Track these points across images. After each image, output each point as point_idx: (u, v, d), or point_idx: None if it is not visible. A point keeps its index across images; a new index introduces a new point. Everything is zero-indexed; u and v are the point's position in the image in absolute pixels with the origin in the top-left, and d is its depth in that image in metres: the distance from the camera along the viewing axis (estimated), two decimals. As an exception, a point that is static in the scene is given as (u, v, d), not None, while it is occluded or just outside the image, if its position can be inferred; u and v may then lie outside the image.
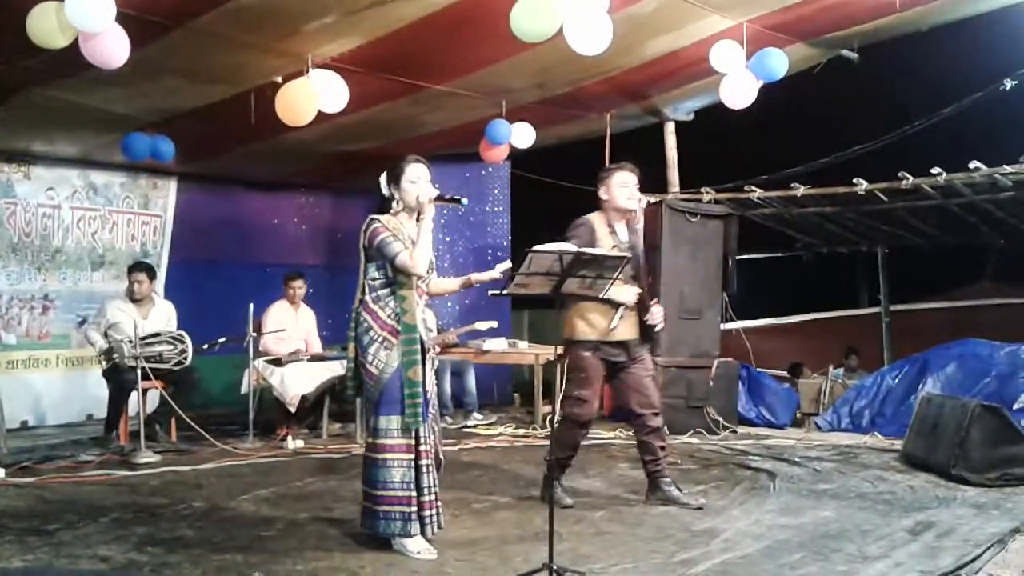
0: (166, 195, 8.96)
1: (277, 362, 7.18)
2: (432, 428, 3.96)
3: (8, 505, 4.79)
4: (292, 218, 10.18)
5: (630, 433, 7.23)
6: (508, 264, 4.17)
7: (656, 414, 4.81)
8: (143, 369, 6.19)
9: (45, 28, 4.67)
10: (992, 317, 9.63)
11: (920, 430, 5.87)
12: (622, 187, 4.77)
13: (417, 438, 3.86)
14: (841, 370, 9.44)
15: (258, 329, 7.20)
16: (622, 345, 4.74)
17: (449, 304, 8.93)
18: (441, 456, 4.08)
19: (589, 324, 4.69)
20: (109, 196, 8.54)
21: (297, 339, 7.55)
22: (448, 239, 9.24)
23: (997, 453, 5.26)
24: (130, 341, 6.25)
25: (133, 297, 6.88)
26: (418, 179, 3.96)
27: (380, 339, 3.88)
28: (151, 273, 7.01)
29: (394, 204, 4.03)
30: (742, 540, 4.08)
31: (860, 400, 7.37)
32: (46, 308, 8.09)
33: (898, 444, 6.29)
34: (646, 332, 4.80)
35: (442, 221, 9.17)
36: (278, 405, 7.17)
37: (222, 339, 6.97)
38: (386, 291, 3.93)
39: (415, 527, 3.83)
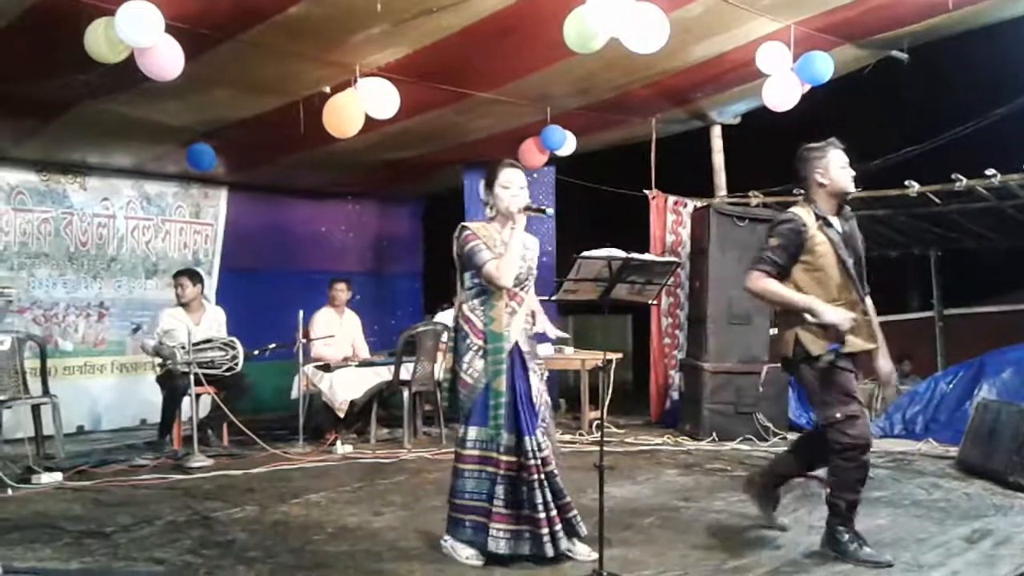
0: (217, 204, 9.13)
1: (326, 368, 7.26)
2: (546, 440, 3.80)
3: (66, 508, 4.91)
4: (339, 226, 10.31)
5: (679, 440, 7.24)
6: (565, 335, 4.05)
7: None
8: (195, 375, 6.30)
9: (98, 43, 4.78)
10: (1049, 321, 9.39)
11: (976, 436, 5.75)
12: (840, 167, 3.98)
13: (528, 452, 3.72)
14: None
15: (306, 335, 7.29)
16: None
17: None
18: (557, 466, 3.84)
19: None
20: (162, 206, 8.72)
21: (344, 344, 7.63)
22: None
23: (1055, 460, 5.13)
24: (183, 347, 6.37)
25: (179, 301, 7.00)
26: (510, 184, 3.86)
27: (476, 348, 3.81)
28: (195, 278, 7.12)
29: (488, 210, 3.94)
30: (793, 548, 4.03)
31: (913, 406, 7.23)
32: (101, 315, 8.28)
33: (953, 451, 6.16)
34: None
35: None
36: (327, 410, 7.24)
37: (272, 345, 7.07)
38: (479, 300, 3.86)
39: (493, 542, 3.71)
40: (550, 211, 3.91)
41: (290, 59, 5.82)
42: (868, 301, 3.99)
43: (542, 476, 3.73)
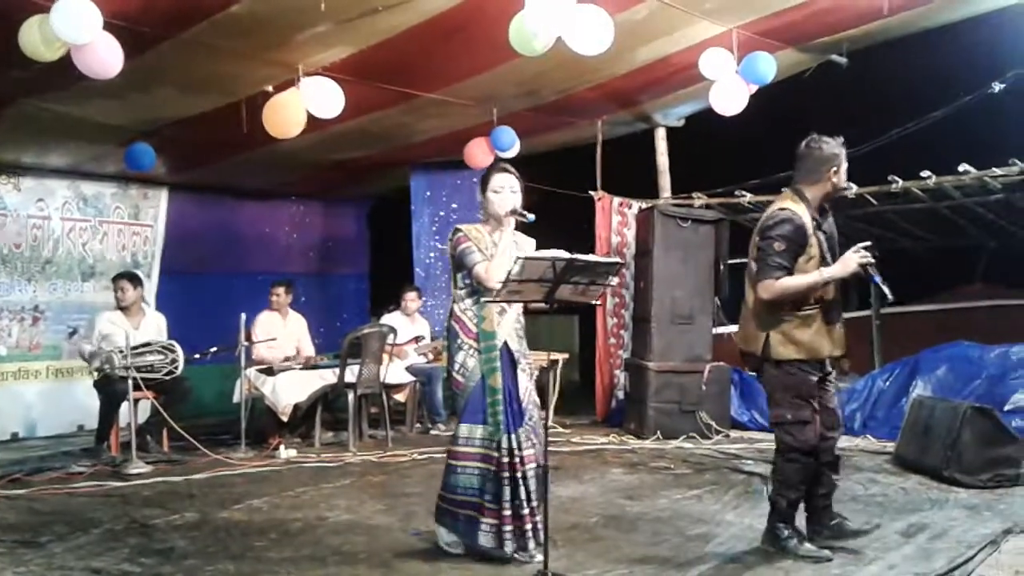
0: (157, 205, 8.94)
1: (269, 371, 7.17)
2: (531, 439, 3.89)
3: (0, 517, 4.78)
4: (284, 227, 10.18)
5: (624, 438, 7.29)
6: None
7: (838, 439, 4.11)
8: (134, 379, 6.16)
9: (33, 41, 4.65)
10: (983, 319, 9.63)
11: (912, 432, 5.88)
12: (845, 169, 3.96)
13: (511, 449, 3.80)
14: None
15: (249, 338, 7.19)
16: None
17: (440, 312, 8.92)
18: (544, 465, 3.86)
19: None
20: (99, 207, 8.51)
21: (288, 346, 7.54)
22: (441, 245, 9.23)
23: (989, 454, 5.28)
24: (121, 351, 6.23)
25: (119, 305, 6.86)
26: (501, 188, 3.97)
27: (467, 347, 3.91)
28: (135, 281, 6.97)
29: (480, 213, 4.05)
30: (736, 544, 4.09)
31: (851, 403, 7.38)
32: (36, 319, 8.05)
33: (890, 446, 6.30)
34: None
35: (433, 228, 9.17)
36: (270, 414, 7.15)
37: (213, 348, 6.95)
38: (471, 300, 3.96)
39: (490, 539, 3.77)
40: (531, 216, 3.99)
41: (232, 58, 5.72)
42: None
43: (519, 474, 3.79)
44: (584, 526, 4.48)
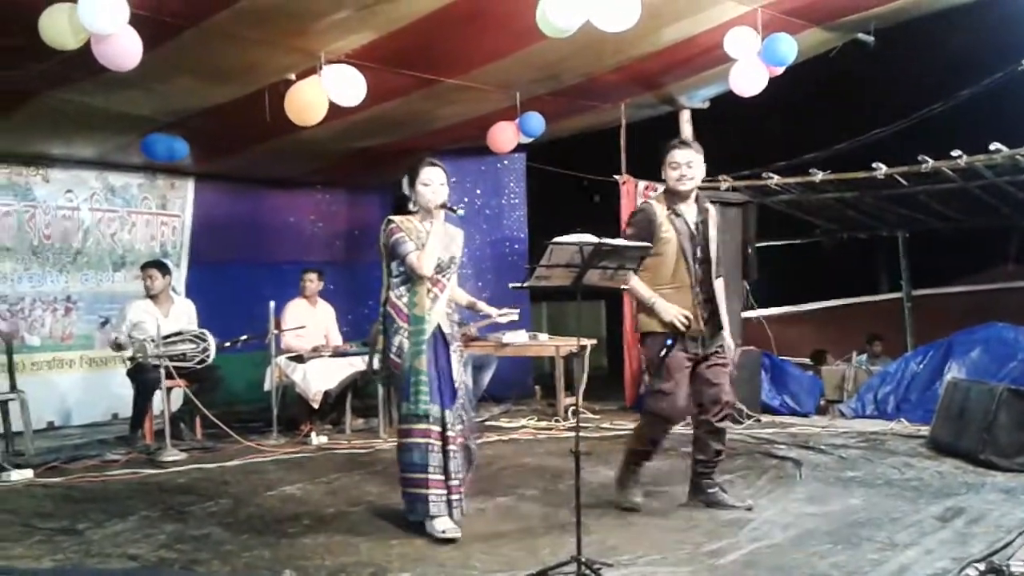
0: (184, 195, 9.00)
1: (299, 359, 7.21)
2: (460, 416, 4.12)
3: (37, 505, 4.84)
4: (309, 215, 10.22)
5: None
6: (514, 314, 4.43)
7: (726, 414, 4.47)
8: (166, 368, 6.22)
9: (57, 30, 4.68)
10: (1016, 300, 9.52)
11: (947, 415, 5.82)
12: (671, 167, 4.41)
13: (444, 424, 4.04)
14: (864, 356, 9.37)
15: (278, 326, 7.23)
16: (697, 338, 4.39)
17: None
18: (472, 447, 4.22)
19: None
20: (127, 197, 8.58)
21: (317, 335, 7.57)
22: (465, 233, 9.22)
23: (1025, 437, 5.21)
24: (153, 340, 6.29)
25: (148, 293, 6.92)
26: (430, 182, 4.14)
27: (403, 331, 4.11)
28: (163, 269, 7.03)
29: (411, 204, 4.22)
30: (770, 529, 4.06)
31: (885, 386, 7.31)
32: (68, 309, 8.14)
33: (924, 430, 6.24)
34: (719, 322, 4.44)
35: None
36: (301, 401, 7.19)
37: (243, 337, 7.00)
38: (405, 287, 4.17)
39: (440, 508, 4.02)
40: (461, 212, 4.20)
41: (254, 46, 5.73)
42: (718, 284, 4.46)
43: (456, 447, 4.07)
44: (615, 512, 4.47)
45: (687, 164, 4.41)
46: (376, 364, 4.33)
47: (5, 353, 6.62)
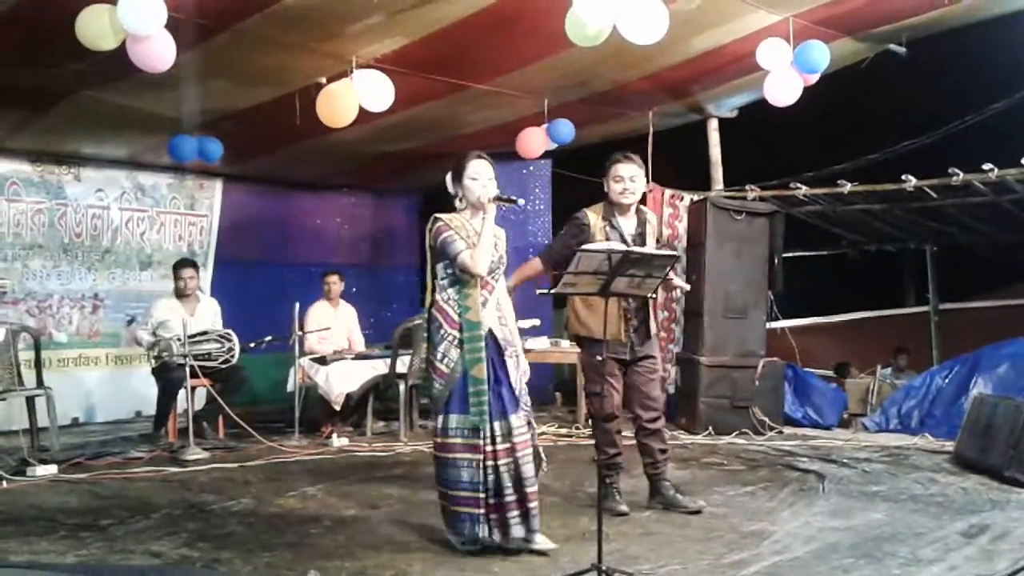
0: (212, 196, 9.09)
1: (322, 360, 7.24)
2: (529, 422, 3.93)
3: (61, 501, 4.89)
4: (335, 218, 10.27)
5: (675, 433, 7.23)
6: (536, 321, 4.36)
7: (657, 417, 4.69)
8: (191, 367, 6.27)
9: (95, 30, 4.73)
10: (1045, 316, 9.40)
11: (972, 431, 5.75)
12: (615, 180, 4.61)
13: (493, 439, 3.80)
14: (889, 370, 9.28)
15: (302, 328, 7.26)
16: (626, 344, 4.59)
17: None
18: (542, 454, 4.06)
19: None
20: (156, 197, 8.68)
21: (339, 337, 7.61)
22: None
23: (1053, 455, 5.14)
24: (178, 339, 6.34)
25: (182, 293, 6.99)
26: (479, 176, 3.92)
27: (450, 337, 3.87)
28: (197, 268, 7.13)
29: (458, 202, 4.01)
30: (792, 542, 4.03)
31: (909, 400, 7.24)
32: (96, 307, 8.24)
33: (949, 446, 6.17)
34: (649, 330, 4.72)
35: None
36: (323, 403, 7.23)
37: (268, 337, 7.05)
38: (453, 289, 3.92)
39: (483, 529, 3.80)
40: (521, 200, 4.03)
41: (286, 50, 5.78)
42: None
43: (511, 460, 3.81)
44: (637, 520, 4.46)
45: (630, 178, 4.55)
46: (416, 368, 4.15)
47: (33, 349, 6.71)
